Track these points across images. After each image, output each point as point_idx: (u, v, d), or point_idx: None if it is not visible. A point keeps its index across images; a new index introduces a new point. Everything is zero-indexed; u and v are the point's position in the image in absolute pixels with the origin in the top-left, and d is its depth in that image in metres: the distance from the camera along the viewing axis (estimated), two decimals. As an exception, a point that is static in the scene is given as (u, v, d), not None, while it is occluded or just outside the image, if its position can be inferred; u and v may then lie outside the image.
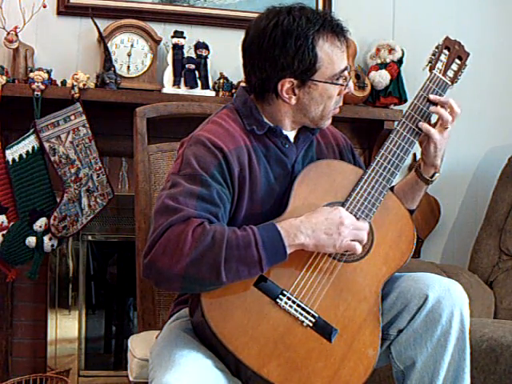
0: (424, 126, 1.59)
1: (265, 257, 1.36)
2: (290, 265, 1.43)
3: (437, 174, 1.66)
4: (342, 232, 1.42)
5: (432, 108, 1.61)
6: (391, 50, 2.85)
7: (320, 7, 2.87)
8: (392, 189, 1.69)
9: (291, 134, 1.61)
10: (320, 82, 1.52)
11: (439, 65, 1.66)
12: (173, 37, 2.69)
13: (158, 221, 1.40)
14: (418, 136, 1.61)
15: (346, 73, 1.55)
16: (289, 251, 1.40)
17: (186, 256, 1.33)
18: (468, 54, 1.69)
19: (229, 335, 1.36)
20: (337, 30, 1.52)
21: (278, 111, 1.57)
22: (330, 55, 1.51)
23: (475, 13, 3.11)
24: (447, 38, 1.69)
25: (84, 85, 2.51)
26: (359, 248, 1.45)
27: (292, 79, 1.51)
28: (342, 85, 1.54)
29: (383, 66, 2.84)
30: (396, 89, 2.83)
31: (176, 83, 2.66)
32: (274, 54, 1.49)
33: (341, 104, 1.60)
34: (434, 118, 1.64)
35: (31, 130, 2.48)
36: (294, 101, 1.54)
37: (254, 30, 1.53)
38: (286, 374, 1.37)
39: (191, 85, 2.66)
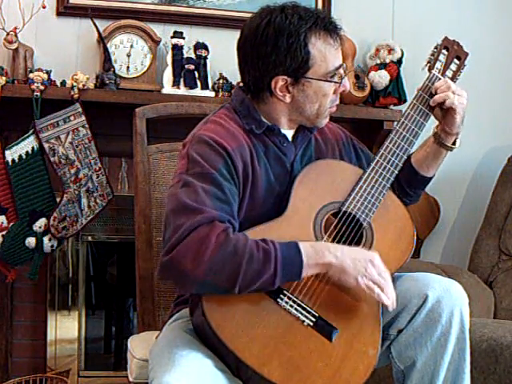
0: (435, 98, 1.59)
1: (280, 275, 1.36)
2: (290, 264, 1.43)
3: (458, 140, 1.66)
4: (368, 269, 1.41)
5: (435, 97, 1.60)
6: (391, 51, 2.85)
7: (320, 7, 2.87)
8: (410, 158, 1.69)
9: (289, 133, 1.61)
10: (314, 79, 1.51)
11: (438, 65, 1.66)
12: (172, 37, 2.69)
13: (177, 220, 1.39)
14: (417, 136, 1.61)
15: (340, 70, 1.54)
16: (309, 271, 1.40)
17: (207, 261, 1.33)
18: (467, 54, 1.69)
19: (229, 335, 1.36)
20: (330, 28, 1.52)
21: (273, 110, 1.57)
22: (323, 52, 1.51)
23: (474, 13, 3.11)
24: (446, 38, 1.69)
25: (83, 85, 2.51)
26: (376, 291, 1.41)
27: (285, 77, 1.51)
28: (336, 82, 1.54)
29: (383, 66, 2.84)
30: (395, 89, 2.83)
31: (175, 84, 2.66)
32: (267, 51, 1.49)
33: (337, 102, 1.60)
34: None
35: (31, 131, 2.48)
36: (288, 99, 1.54)
37: (247, 28, 1.54)
38: (286, 374, 1.36)
39: (191, 85, 2.66)
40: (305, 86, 1.53)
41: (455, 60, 1.68)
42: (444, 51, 1.68)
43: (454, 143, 1.66)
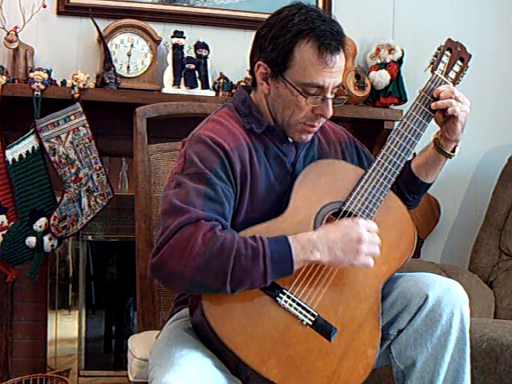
0: (438, 103, 1.59)
1: (270, 271, 1.36)
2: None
3: (457, 148, 1.66)
4: (360, 249, 1.41)
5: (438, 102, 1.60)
6: (391, 50, 2.85)
7: (320, 6, 2.87)
8: (410, 163, 1.69)
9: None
10: (288, 82, 1.50)
11: (441, 66, 1.66)
12: (173, 37, 2.69)
13: (165, 221, 1.39)
14: (419, 136, 1.61)
15: (327, 94, 1.50)
16: (299, 266, 1.40)
17: (194, 260, 1.33)
18: (470, 56, 1.69)
19: (228, 334, 1.36)
20: (323, 42, 1.47)
21: (261, 100, 1.58)
22: (306, 62, 1.48)
23: (475, 13, 3.11)
24: (449, 40, 1.69)
25: (84, 85, 2.51)
26: (372, 263, 1.43)
27: (266, 65, 1.52)
28: (304, 96, 1.48)
29: (383, 65, 2.84)
30: (396, 89, 2.83)
31: (176, 83, 2.66)
32: (260, 35, 1.53)
33: (317, 124, 1.55)
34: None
35: (31, 130, 2.48)
36: (265, 90, 1.55)
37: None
38: (285, 373, 1.37)
39: (191, 85, 2.66)
40: (280, 84, 1.52)
41: (458, 61, 1.68)
42: (447, 52, 1.67)
43: (453, 151, 1.66)
